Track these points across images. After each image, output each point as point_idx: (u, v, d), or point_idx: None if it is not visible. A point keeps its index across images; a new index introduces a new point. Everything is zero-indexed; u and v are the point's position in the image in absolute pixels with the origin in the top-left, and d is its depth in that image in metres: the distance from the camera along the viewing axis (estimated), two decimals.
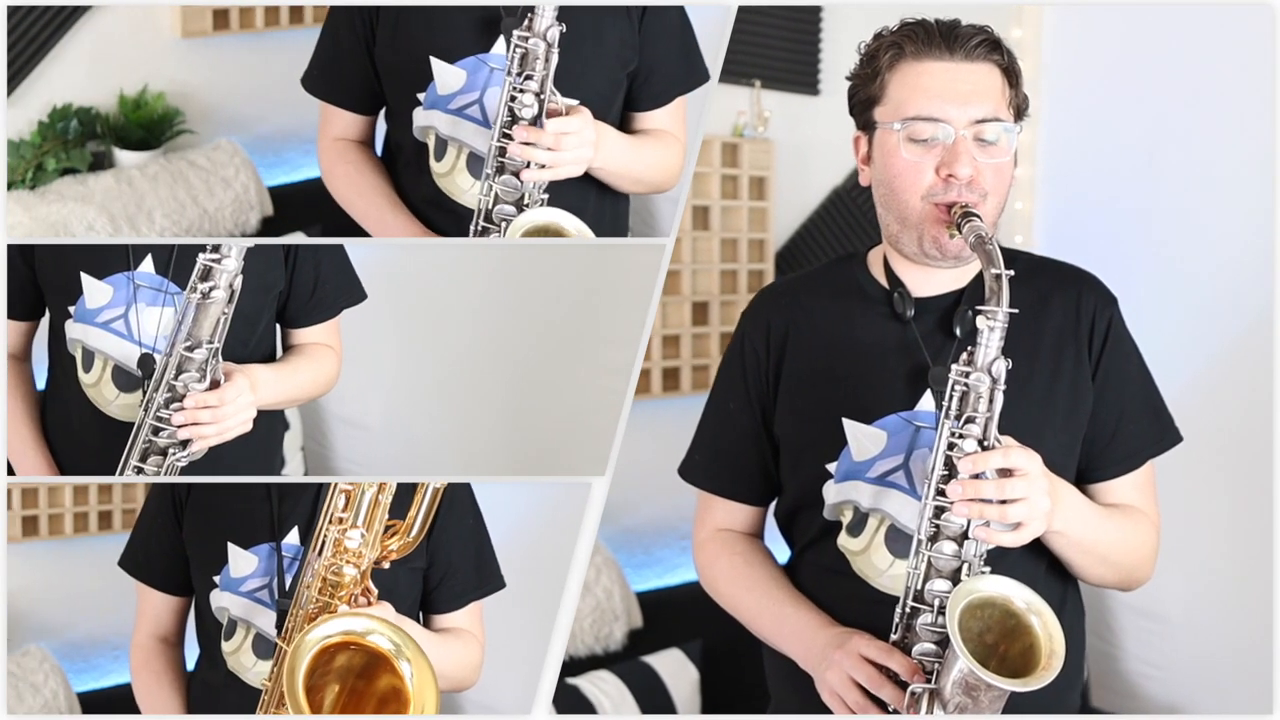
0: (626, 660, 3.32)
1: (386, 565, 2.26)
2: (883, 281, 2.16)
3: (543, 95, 2.28)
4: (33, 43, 2.80)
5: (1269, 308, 3.07)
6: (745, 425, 2.22)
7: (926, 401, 2.08)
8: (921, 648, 1.99)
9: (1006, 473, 1.94)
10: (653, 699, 3.25)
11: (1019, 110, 2.10)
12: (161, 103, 2.93)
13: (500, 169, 2.31)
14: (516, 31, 2.27)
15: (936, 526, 1.98)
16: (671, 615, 3.41)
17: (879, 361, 2.11)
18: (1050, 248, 3.62)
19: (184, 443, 2.25)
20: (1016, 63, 2.09)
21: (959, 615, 1.91)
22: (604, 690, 3.20)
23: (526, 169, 2.29)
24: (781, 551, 2.28)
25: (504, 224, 2.32)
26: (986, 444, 1.96)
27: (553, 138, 2.28)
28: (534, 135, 2.27)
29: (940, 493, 1.98)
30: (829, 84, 3.48)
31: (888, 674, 2.00)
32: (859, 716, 2.01)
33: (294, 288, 2.38)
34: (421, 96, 2.35)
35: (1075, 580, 2.17)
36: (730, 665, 3.37)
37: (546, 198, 2.33)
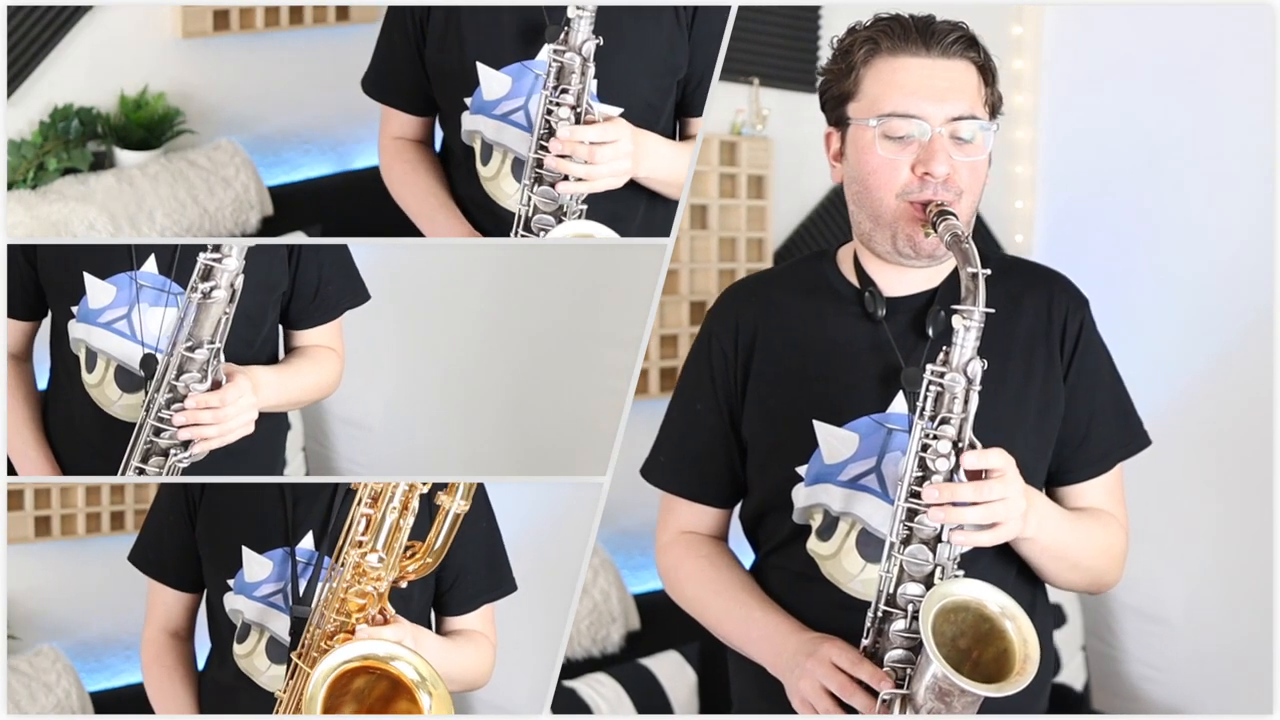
0: (624, 663, 3.32)
1: (404, 585, 2.26)
2: (853, 280, 2.12)
3: (579, 108, 2.27)
4: (34, 43, 2.79)
5: (1269, 308, 3.07)
6: (712, 426, 2.17)
7: (899, 403, 2.04)
8: (894, 654, 1.95)
9: (979, 475, 1.91)
10: (650, 702, 3.24)
11: (993, 108, 2.07)
12: (162, 103, 2.93)
13: (538, 180, 2.30)
14: (553, 45, 2.26)
15: (909, 529, 1.94)
16: (669, 618, 3.38)
17: (851, 362, 2.07)
18: (1050, 246, 3.62)
19: (185, 443, 2.25)
20: (992, 60, 2.07)
21: (932, 619, 1.87)
22: (601, 693, 3.19)
23: (563, 181, 2.29)
24: (746, 554, 2.23)
25: (542, 233, 2.31)
26: (961, 445, 1.93)
27: (588, 149, 2.26)
28: (569, 147, 2.26)
29: (914, 495, 1.94)
30: None
31: (860, 681, 1.96)
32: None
33: (297, 288, 2.38)
34: (469, 101, 2.35)
35: (1044, 585, 2.14)
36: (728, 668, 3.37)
37: (585, 209, 2.32)
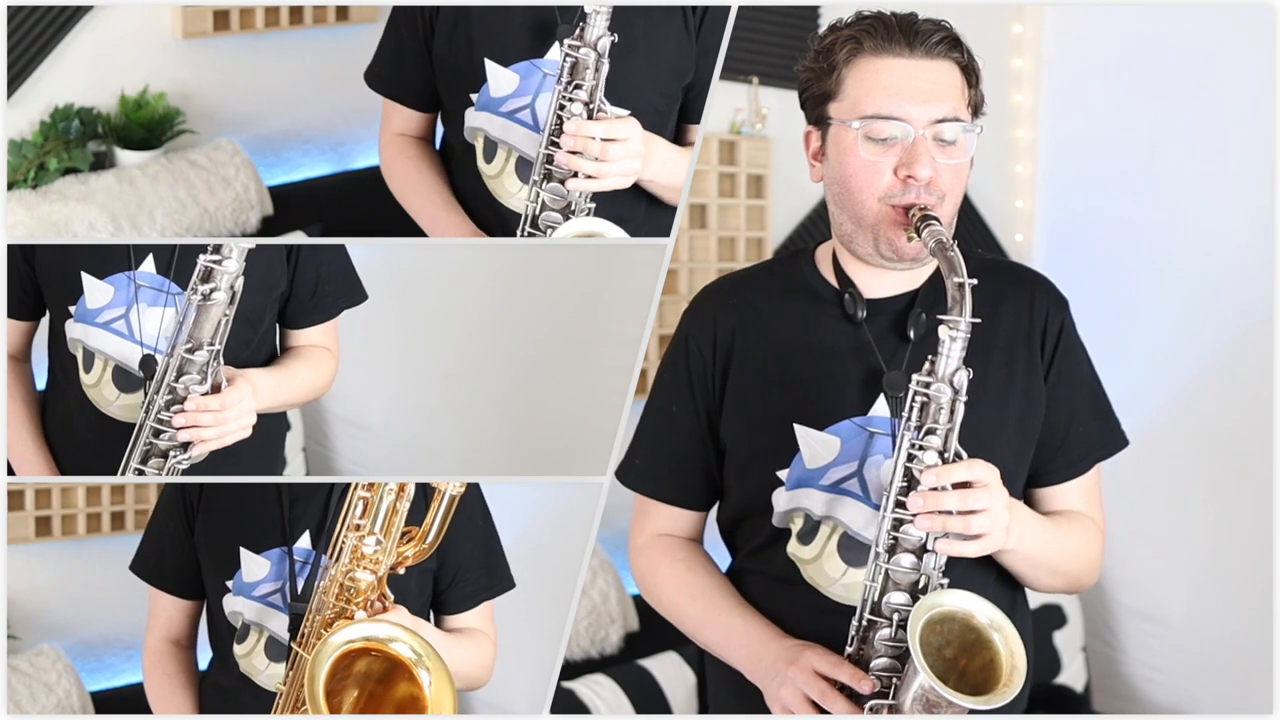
0: (622, 664, 3.31)
1: (402, 571, 2.25)
2: (833, 281, 2.08)
3: (592, 104, 2.27)
4: (34, 43, 2.79)
5: (1269, 306, 3.08)
6: (689, 429, 2.13)
7: (880, 406, 2.02)
8: (879, 661, 1.94)
9: (965, 485, 1.89)
10: (649, 703, 3.23)
11: (976, 109, 2.03)
12: (162, 103, 2.93)
13: (548, 176, 2.29)
14: (568, 40, 2.25)
15: (895, 539, 1.93)
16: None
17: (831, 365, 2.04)
18: (1051, 246, 3.63)
19: (185, 445, 2.25)
20: (975, 61, 2.03)
21: (920, 630, 1.86)
22: (600, 694, 3.19)
23: (573, 178, 2.28)
24: (722, 557, 2.21)
25: (550, 230, 2.31)
26: (947, 456, 1.91)
27: (600, 147, 2.26)
28: (581, 143, 2.26)
29: (899, 505, 1.92)
30: None
31: (841, 688, 1.94)
32: None
33: (295, 288, 2.38)
34: (474, 97, 2.34)
35: (1025, 589, 2.12)
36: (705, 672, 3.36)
37: (593, 206, 2.31)
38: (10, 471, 2.37)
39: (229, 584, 2.29)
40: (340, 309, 2.45)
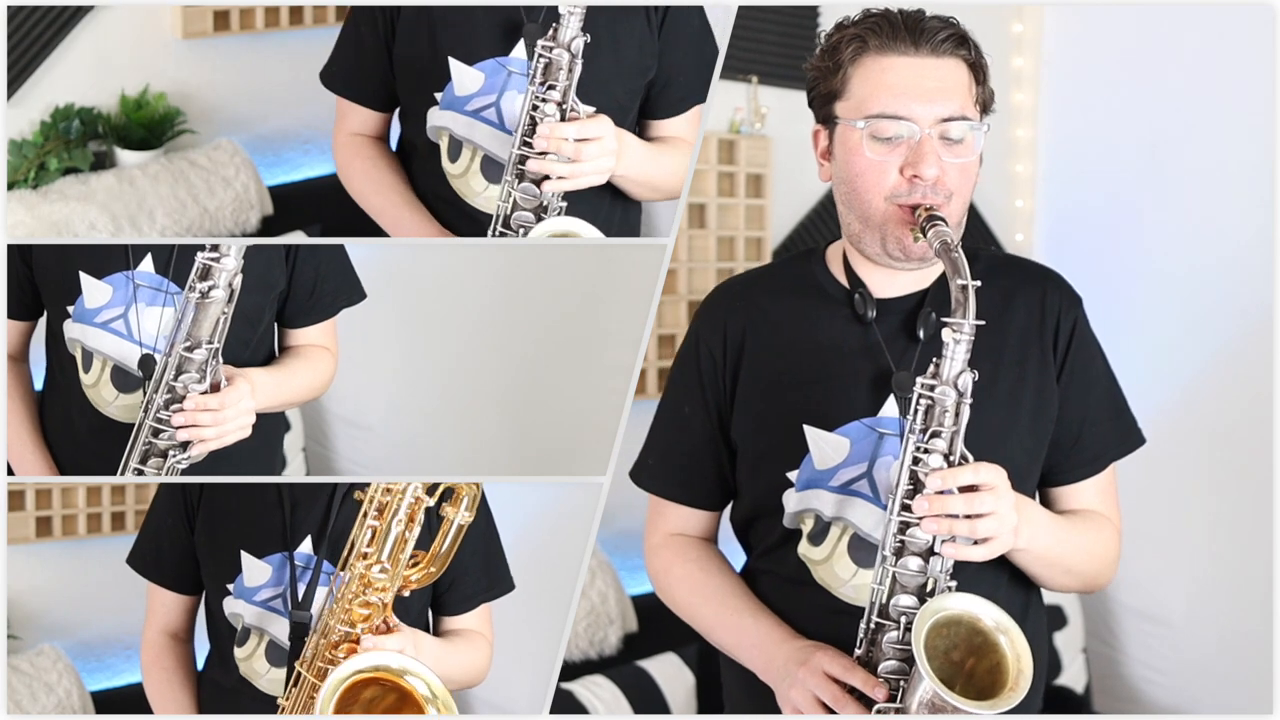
0: (621, 665, 3.31)
1: (407, 594, 2.25)
2: (843, 281, 2.08)
3: (565, 105, 2.27)
4: (35, 43, 2.79)
5: (1269, 307, 3.08)
6: (700, 429, 2.14)
7: (890, 407, 2.01)
8: (887, 664, 1.93)
9: (972, 488, 1.89)
10: (648, 704, 3.23)
11: (984, 106, 2.02)
12: (162, 103, 2.93)
13: (520, 176, 2.29)
14: (541, 41, 2.25)
15: (901, 542, 1.93)
16: (667, 619, 3.39)
17: (841, 365, 2.04)
18: (1050, 245, 3.63)
19: (184, 444, 2.25)
20: (984, 57, 2.02)
21: (925, 634, 1.86)
22: (599, 695, 3.19)
23: (546, 180, 2.28)
24: (737, 556, 2.21)
25: (522, 230, 2.30)
26: (952, 459, 1.90)
27: (574, 147, 2.26)
28: (554, 144, 2.26)
29: (905, 508, 1.91)
30: None
31: (852, 690, 1.94)
32: None
33: (294, 287, 2.37)
34: (439, 96, 2.34)
35: (1038, 588, 2.12)
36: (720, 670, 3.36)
37: (565, 205, 2.31)
38: (10, 472, 2.37)
39: (229, 586, 2.29)
40: (339, 308, 2.44)
